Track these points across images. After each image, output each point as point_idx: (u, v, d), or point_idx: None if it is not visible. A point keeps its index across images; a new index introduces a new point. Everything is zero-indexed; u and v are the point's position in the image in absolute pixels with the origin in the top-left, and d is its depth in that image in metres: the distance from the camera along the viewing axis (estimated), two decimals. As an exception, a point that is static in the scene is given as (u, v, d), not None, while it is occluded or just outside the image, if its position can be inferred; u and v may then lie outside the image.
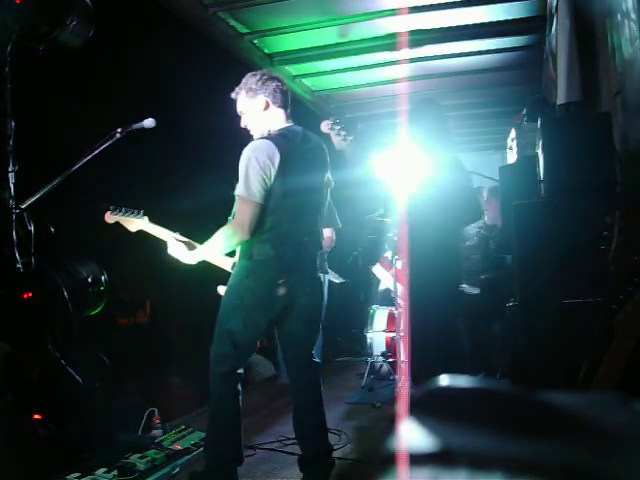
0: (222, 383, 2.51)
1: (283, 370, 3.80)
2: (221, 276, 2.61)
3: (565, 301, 2.31)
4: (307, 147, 2.56)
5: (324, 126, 2.70)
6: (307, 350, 2.66)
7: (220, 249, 2.50)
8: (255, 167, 2.36)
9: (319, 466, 2.57)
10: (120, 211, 2.66)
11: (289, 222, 2.46)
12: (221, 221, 2.50)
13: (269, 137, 2.47)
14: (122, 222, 2.67)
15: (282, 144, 2.43)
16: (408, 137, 3.35)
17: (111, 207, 2.68)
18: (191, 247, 2.56)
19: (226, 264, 2.64)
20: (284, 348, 2.71)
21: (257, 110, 2.56)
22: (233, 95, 2.61)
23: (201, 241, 2.55)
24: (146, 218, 2.65)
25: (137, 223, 2.66)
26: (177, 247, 2.55)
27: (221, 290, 2.60)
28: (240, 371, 2.57)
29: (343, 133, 2.65)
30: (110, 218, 2.69)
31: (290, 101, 2.62)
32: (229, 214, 2.52)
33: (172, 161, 4.09)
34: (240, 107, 2.60)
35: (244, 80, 2.58)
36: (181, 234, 2.63)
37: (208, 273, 2.71)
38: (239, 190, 2.40)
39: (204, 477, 2.56)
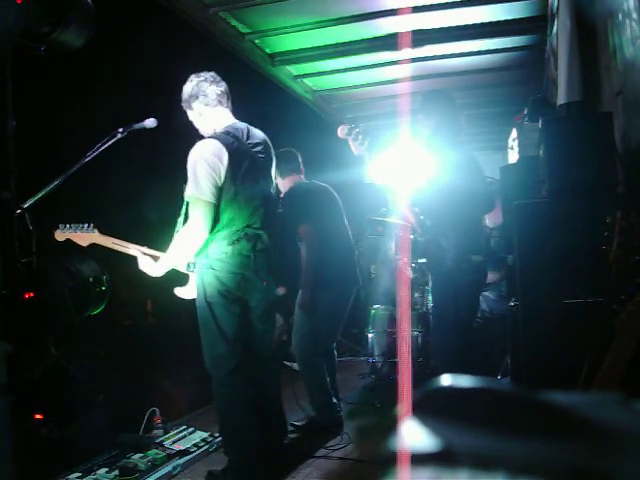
0: (227, 384, 2.49)
1: None
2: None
3: (566, 301, 2.31)
4: (253, 143, 2.57)
5: (340, 132, 2.71)
6: (268, 344, 2.70)
7: (183, 253, 2.49)
8: (204, 166, 2.36)
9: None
10: (70, 227, 2.67)
11: (244, 218, 2.46)
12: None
13: (215, 136, 2.48)
14: (73, 238, 2.68)
15: (228, 142, 2.44)
16: (414, 133, 3.20)
17: (60, 225, 2.69)
18: (156, 259, 2.57)
19: (181, 265, 2.63)
20: (246, 344, 2.60)
21: (197, 117, 2.60)
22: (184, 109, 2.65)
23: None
24: (96, 231, 2.65)
25: (88, 237, 2.66)
26: (144, 261, 2.55)
27: (179, 292, 2.61)
28: (243, 367, 2.52)
29: (360, 138, 2.65)
30: (60, 236, 2.69)
31: (228, 96, 2.61)
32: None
33: (173, 161, 4.09)
34: (190, 118, 2.65)
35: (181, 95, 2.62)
36: (147, 246, 2.63)
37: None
38: (189, 191, 2.39)
39: (226, 476, 2.58)
